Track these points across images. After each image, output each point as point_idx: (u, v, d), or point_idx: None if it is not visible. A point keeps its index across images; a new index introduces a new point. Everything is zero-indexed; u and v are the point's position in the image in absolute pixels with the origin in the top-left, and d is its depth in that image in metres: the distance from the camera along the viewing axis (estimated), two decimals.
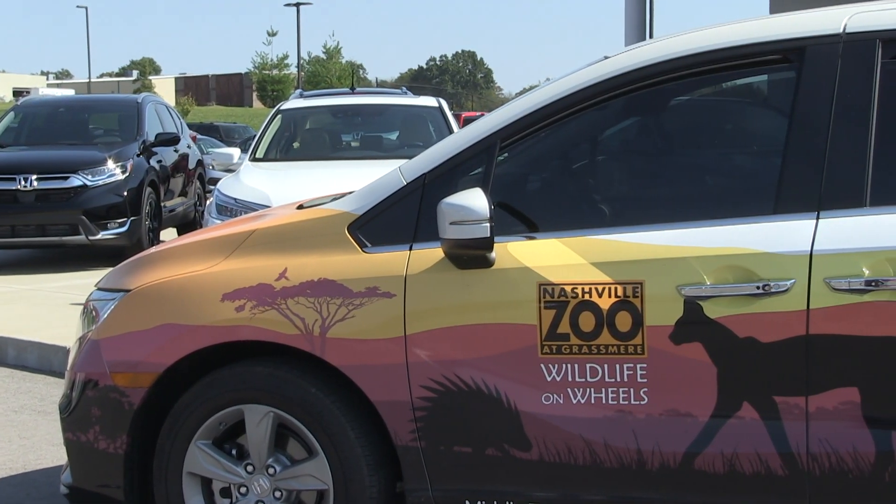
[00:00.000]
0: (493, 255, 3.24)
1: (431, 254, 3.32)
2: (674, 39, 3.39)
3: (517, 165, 3.50)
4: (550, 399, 3.23)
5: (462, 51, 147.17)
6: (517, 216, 3.38)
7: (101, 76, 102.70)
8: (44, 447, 5.48)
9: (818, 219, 3.08)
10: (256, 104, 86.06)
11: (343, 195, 3.77)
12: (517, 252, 3.26)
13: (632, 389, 3.17)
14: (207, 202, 10.50)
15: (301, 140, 10.07)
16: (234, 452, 3.58)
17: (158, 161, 12.57)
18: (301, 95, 10.89)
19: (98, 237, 11.32)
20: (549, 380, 3.22)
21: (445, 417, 3.31)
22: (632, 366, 3.16)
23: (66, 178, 11.27)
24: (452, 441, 3.32)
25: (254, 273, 3.48)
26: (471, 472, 3.33)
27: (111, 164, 11.55)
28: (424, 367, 3.29)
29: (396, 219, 3.41)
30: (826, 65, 3.17)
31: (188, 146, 14.19)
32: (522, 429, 3.25)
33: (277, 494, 3.52)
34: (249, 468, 3.54)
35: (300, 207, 3.93)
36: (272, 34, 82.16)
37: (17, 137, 12.76)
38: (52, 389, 6.63)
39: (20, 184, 11.15)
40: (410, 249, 3.36)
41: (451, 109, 11.28)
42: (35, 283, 10.23)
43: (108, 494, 3.69)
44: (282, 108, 10.15)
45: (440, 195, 3.29)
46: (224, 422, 3.56)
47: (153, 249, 3.95)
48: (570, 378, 3.20)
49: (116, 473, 3.64)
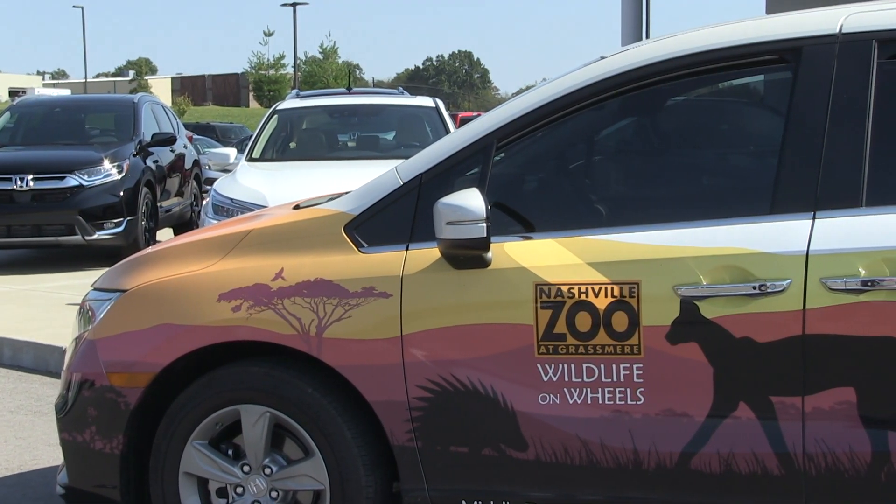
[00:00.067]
0: (490, 256, 3.24)
1: (428, 254, 3.32)
2: (670, 39, 3.39)
3: (514, 165, 3.50)
4: (547, 399, 3.23)
5: (458, 51, 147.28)
6: (514, 216, 3.38)
7: (98, 76, 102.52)
8: (40, 447, 5.47)
9: (814, 219, 3.09)
10: (253, 104, 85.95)
11: (339, 195, 3.76)
12: (514, 252, 3.26)
13: (628, 389, 3.17)
14: (204, 202, 10.50)
15: (297, 140, 10.06)
16: (231, 453, 3.58)
17: (155, 161, 12.56)
18: (297, 95, 10.88)
19: (94, 237, 11.31)
20: (546, 380, 3.22)
21: (442, 417, 3.31)
22: (628, 366, 3.16)
23: (63, 179, 11.26)
24: (449, 441, 3.32)
25: (250, 273, 3.47)
26: (467, 473, 3.33)
27: (107, 165, 11.54)
28: (421, 368, 3.29)
29: (393, 219, 3.41)
30: (822, 65, 3.17)
31: (184, 146, 14.18)
32: (519, 429, 3.25)
33: (274, 495, 3.52)
34: (246, 468, 3.54)
35: (297, 207, 3.93)
36: (269, 34, 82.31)
37: (13, 137, 12.74)
38: (49, 390, 6.62)
39: (16, 184, 11.13)
40: (407, 249, 3.36)
41: (448, 109, 11.27)
42: (31, 284, 10.22)
43: (105, 495, 3.68)
44: (278, 109, 10.15)
45: (437, 195, 3.29)
46: (220, 422, 3.55)
47: (149, 249, 3.95)
48: (567, 378, 3.20)
49: (113, 473, 3.64)
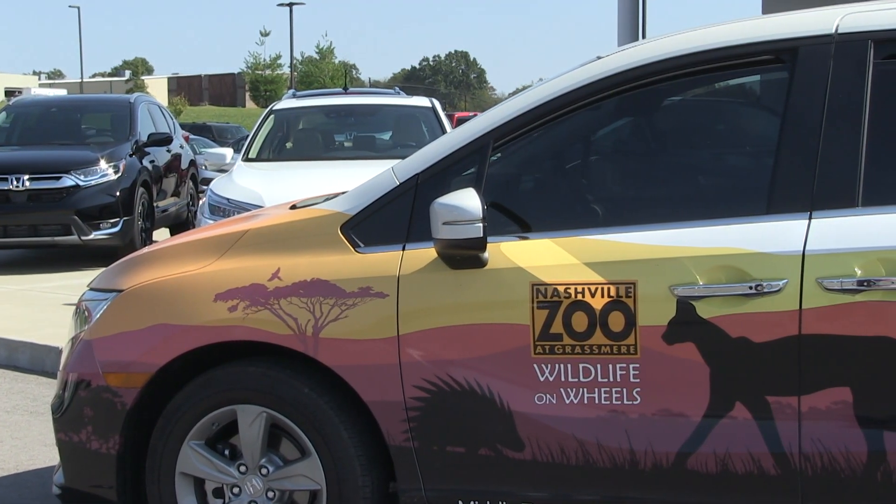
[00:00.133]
0: (486, 256, 3.24)
1: (424, 254, 3.32)
2: (666, 40, 3.39)
3: (510, 165, 3.50)
4: (543, 399, 3.23)
5: (455, 51, 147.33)
6: (510, 216, 3.38)
7: (94, 76, 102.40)
8: (36, 447, 5.46)
9: (811, 219, 3.09)
10: (249, 104, 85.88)
11: (336, 195, 3.76)
12: (510, 252, 3.26)
13: (624, 389, 3.17)
14: (200, 202, 10.48)
15: (294, 140, 10.05)
16: (227, 453, 3.58)
17: (151, 161, 12.55)
18: (294, 95, 10.88)
19: (90, 237, 11.30)
20: (542, 380, 3.22)
21: (438, 417, 3.31)
22: (624, 366, 3.16)
23: (59, 179, 11.24)
24: (445, 441, 3.32)
25: (247, 273, 3.47)
26: (464, 472, 3.33)
27: (103, 164, 11.53)
28: (417, 368, 3.29)
29: (389, 219, 3.41)
30: (818, 65, 3.18)
31: (181, 146, 14.17)
32: (515, 429, 3.25)
33: (270, 495, 3.52)
34: (242, 468, 3.54)
35: (293, 207, 3.93)
36: (265, 34, 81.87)
37: (9, 137, 12.73)
38: (45, 390, 6.62)
39: (12, 184, 11.12)
40: (403, 249, 3.36)
41: (444, 110, 11.26)
42: (27, 284, 10.21)
43: (101, 495, 3.68)
44: (274, 109, 10.14)
45: (433, 195, 3.29)
46: (217, 422, 3.55)
47: (146, 249, 3.94)
48: (563, 378, 3.20)
49: (109, 474, 3.64)
